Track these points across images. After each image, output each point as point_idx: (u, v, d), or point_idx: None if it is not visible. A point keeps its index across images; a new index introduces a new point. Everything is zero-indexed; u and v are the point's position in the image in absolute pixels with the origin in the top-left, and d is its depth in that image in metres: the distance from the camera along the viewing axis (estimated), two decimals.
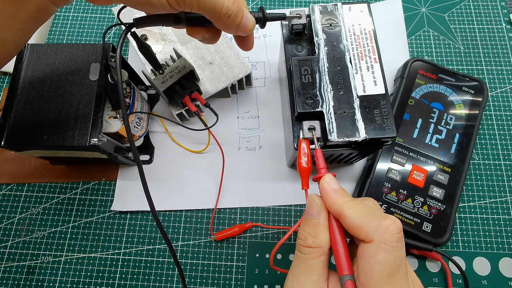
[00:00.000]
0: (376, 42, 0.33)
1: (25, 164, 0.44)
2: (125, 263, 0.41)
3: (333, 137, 0.29)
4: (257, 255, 0.41)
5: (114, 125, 0.34)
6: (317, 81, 0.32)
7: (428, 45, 0.49)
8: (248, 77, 0.44)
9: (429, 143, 0.41)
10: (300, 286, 0.24)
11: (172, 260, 0.40)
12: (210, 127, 0.41)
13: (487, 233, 0.41)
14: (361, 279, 0.22)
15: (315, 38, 0.33)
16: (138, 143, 0.42)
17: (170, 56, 0.40)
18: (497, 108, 0.46)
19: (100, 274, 0.40)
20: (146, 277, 0.40)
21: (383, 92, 0.31)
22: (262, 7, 0.31)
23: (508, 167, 0.43)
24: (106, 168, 0.44)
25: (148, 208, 0.32)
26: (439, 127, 0.42)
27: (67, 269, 0.40)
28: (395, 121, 0.40)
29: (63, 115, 0.32)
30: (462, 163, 0.40)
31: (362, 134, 0.29)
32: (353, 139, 0.29)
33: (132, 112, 0.37)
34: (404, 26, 0.50)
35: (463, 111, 0.42)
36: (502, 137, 0.45)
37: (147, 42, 0.44)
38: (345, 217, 0.23)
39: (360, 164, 0.43)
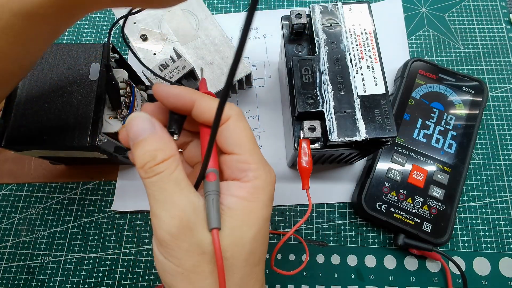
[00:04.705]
0: (376, 42, 0.33)
1: (25, 164, 0.44)
2: (125, 263, 0.41)
3: (334, 136, 0.29)
4: None
5: (114, 125, 0.34)
6: (318, 80, 0.32)
7: (428, 45, 0.49)
8: (248, 77, 0.44)
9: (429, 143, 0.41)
10: (175, 208, 0.19)
11: None
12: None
13: (487, 233, 0.41)
14: (235, 151, 0.21)
15: (316, 38, 0.33)
16: None
17: (170, 56, 0.40)
18: (497, 108, 0.46)
19: (100, 274, 0.40)
20: (146, 277, 0.40)
21: (384, 92, 0.31)
22: None
23: (508, 167, 0.43)
24: (106, 168, 0.44)
25: (148, 208, 0.31)
26: (439, 127, 0.42)
27: (67, 269, 0.40)
28: (395, 121, 0.40)
29: (63, 115, 0.32)
30: (462, 163, 0.40)
31: (362, 134, 0.30)
32: (354, 139, 0.29)
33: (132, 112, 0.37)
34: (404, 26, 0.50)
35: (463, 111, 0.42)
36: (502, 137, 0.45)
37: (147, 42, 0.44)
38: (199, 105, 0.21)
39: (360, 164, 0.43)
